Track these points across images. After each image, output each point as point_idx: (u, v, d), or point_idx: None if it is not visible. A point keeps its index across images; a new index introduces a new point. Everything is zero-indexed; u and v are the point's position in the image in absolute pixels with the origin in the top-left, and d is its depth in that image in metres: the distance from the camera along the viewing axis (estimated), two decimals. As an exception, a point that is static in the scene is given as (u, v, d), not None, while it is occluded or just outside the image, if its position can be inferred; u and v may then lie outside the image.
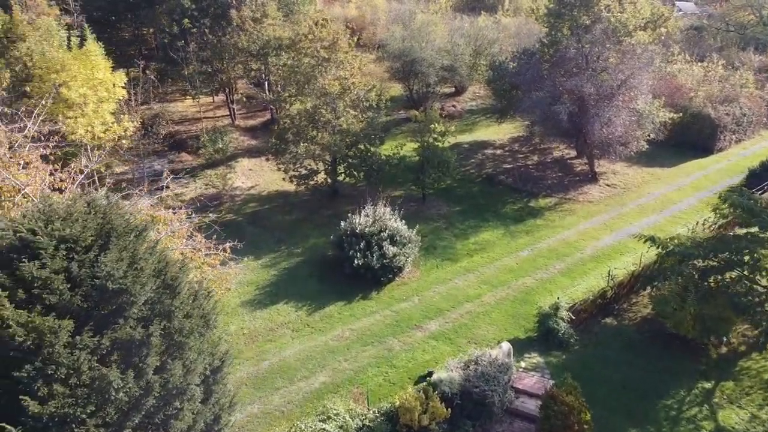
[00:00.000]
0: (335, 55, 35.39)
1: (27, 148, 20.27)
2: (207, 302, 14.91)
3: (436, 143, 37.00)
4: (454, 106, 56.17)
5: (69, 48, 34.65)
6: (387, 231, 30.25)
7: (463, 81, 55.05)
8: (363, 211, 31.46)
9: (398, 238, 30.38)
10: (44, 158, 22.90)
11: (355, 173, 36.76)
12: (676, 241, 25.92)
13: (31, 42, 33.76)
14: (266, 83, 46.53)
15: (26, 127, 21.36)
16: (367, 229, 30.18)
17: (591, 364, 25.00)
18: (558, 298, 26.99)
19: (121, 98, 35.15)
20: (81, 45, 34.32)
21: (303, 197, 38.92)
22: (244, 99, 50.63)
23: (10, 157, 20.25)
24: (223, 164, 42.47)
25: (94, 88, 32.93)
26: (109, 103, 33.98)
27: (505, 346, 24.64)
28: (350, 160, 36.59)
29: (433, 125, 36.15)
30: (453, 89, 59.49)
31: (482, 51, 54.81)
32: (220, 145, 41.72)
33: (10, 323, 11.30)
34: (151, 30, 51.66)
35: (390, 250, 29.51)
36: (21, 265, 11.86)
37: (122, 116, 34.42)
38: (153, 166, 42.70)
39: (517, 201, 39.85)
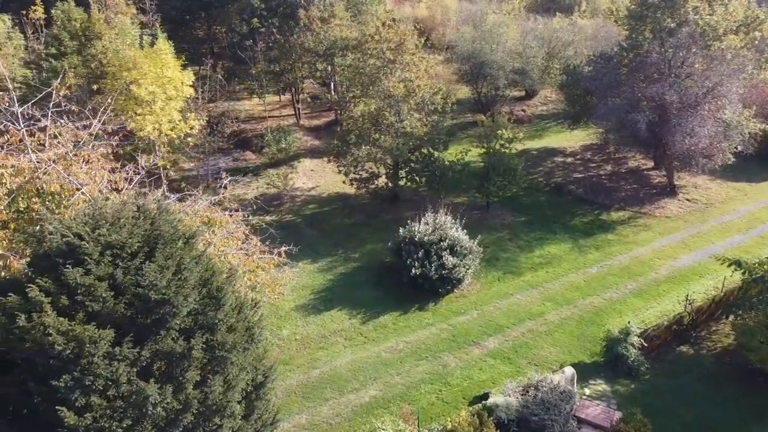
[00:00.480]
0: (401, 56, 34.50)
1: (90, 146, 20.39)
2: (252, 314, 14.32)
3: (503, 150, 35.45)
4: (523, 110, 54.17)
5: (141, 46, 35.36)
6: (447, 240, 29.09)
7: (534, 85, 52.97)
8: (423, 219, 30.43)
9: (458, 249, 29.15)
10: (114, 156, 23.19)
11: (417, 178, 35.75)
12: (765, 267, 23.51)
13: (106, 40, 34.66)
14: (332, 83, 46.22)
15: (92, 124, 21.54)
16: (426, 237, 29.12)
17: (662, 395, 23.04)
18: (629, 322, 25.06)
19: (189, 97, 35.56)
20: (153, 43, 34.94)
21: (363, 201, 38.26)
22: (309, 99, 50.61)
23: (74, 155, 20.43)
24: (285, 164, 42.44)
25: (163, 86, 33.41)
26: (176, 101, 34.42)
27: (569, 371, 23.06)
28: (412, 165, 35.62)
29: (500, 131, 34.65)
30: (523, 93, 57.42)
31: (556, 54, 52.53)
32: (283, 145, 41.70)
33: (50, 331, 11.00)
34: (223, 29, 52.44)
35: (449, 260, 28.35)
36: (66, 270, 11.57)
37: (189, 114, 34.80)
38: (218, 164, 43.20)
39: (587, 213, 37.71)
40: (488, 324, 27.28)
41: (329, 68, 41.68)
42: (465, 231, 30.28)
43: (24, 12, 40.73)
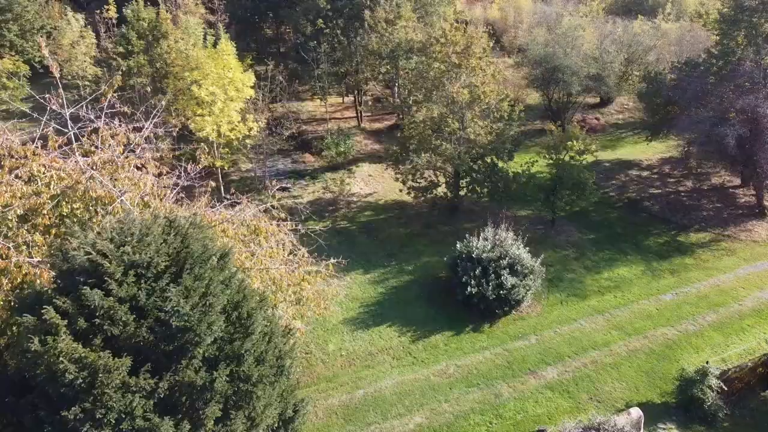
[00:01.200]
0: (467, 61, 32.84)
1: (139, 150, 19.97)
2: (284, 343, 13.24)
3: (573, 162, 33.15)
4: (597, 118, 51.17)
5: (205, 46, 35.29)
6: (507, 258, 27.26)
7: (610, 92, 49.87)
8: (482, 234, 28.72)
9: (519, 268, 27.27)
10: (173, 157, 22.71)
11: (478, 189, 33.98)
12: None
13: (171, 40, 34.83)
14: (396, 86, 45.01)
15: (143, 127, 21.16)
16: (484, 254, 27.41)
17: (744, 449, 20.49)
18: (707, 362, 22.50)
19: (249, 98, 35.26)
20: (216, 44, 34.83)
21: (420, 210, 36.83)
22: (370, 103, 49.61)
23: (125, 159, 20.05)
24: (344, 168, 41.60)
25: (223, 87, 33.22)
26: (237, 102, 34.18)
27: (635, 413, 20.88)
28: (474, 175, 33.88)
29: (570, 142, 32.38)
30: (597, 99, 54.31)
31: (635, 59, 49.28)
32: (342, 149, 40.86)
33: (62, 359, 10.25)
34: (290, 30, 52.27)
35: (509, 280, 26.53)
36: (84, 291, 10.83)
37: (248, 116, 34.47)
38: (276, 165, 42.92)
39: (663, 233, 34.80)
40: (547, 351, 25.32)
41: (393, 71, 40.48)
42: (527, 248, 28.37)
43: (98, 11, 41.72)
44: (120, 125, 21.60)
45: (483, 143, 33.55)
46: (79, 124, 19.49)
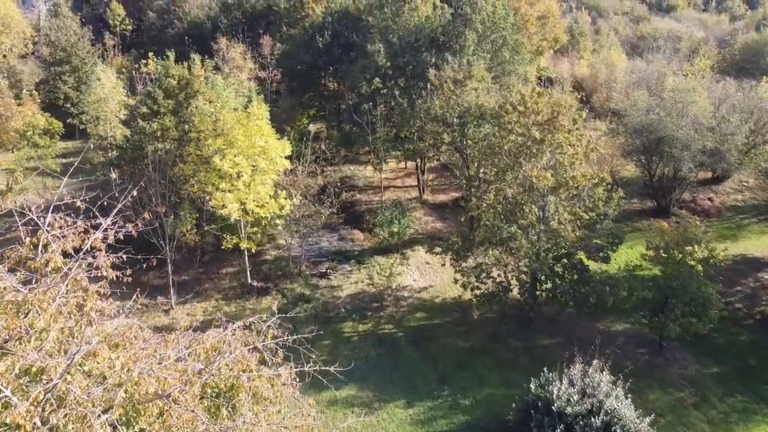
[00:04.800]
0: (552, 135, 25.79)
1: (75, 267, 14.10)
2: None
3: (691, 270, 24.93)
4: (710, 199, 42.15)
5: (236, 109, 30.11)
6: (602, 415, 19.40)
7: (729, 168, 40.95)
8: (567, 371, 21.01)
9: (618, 430, 19.29)
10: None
11: (562, 299, 26.26)
12: None
13: (200, 100, 29.99)
14: (464, 154, 38.27)
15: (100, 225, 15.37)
16: (569, 407, 19.66)
17: None
18: None
19: (284, 170, 29.70)
20: (247, 106, 29.64)
21: (486, 314, 29.38)
22: (431, 180, 43.07)
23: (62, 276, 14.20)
24: (397, 251, 34.91)
25: (252, 157, 27.77)
26: (268, 174, 28.60)
27: None
28: (557, 280, 26.28)
29: (690, 247, 24.27)
30: (709, 175, 45.25)
31: (761, 130, 40.40)
32: (396, 229, 34.31)
33: None
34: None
35: (603, 451, 18.59)
36: None
37: (279, 192, 28.73)
38: (320, 243, 36.84)
39: (819, 371, 25.60)
40: None
41: (461, 140, 33.85)
42: (628, 393, 20.41)
43: (137, 66, 38.04)
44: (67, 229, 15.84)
45: (570, 238, 26.03)
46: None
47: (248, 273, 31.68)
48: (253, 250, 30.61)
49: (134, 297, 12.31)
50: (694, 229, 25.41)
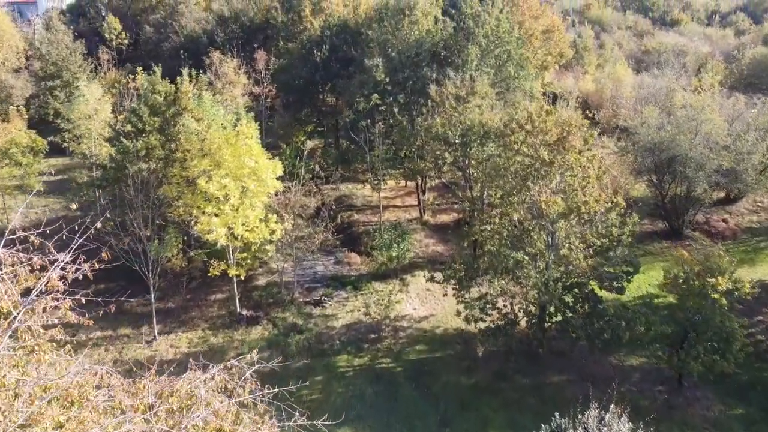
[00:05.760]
0: (562, 156, 23.99)
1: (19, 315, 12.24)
2: None
3: (714, 303, 23.00)
4: (725, 220, 40.22)
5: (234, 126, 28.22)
6: (621, 470, 17.37)
7: (745, 188, 39.07)
8: (580, 420, 18.97)
9: (640, 488, 17.27)
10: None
11: (574, 334, 24.28)
12: None
13: (187, 118, 28.26)
14: (467, 174, 36.45)
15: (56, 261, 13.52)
16: (585, 462, 17.63)
17: None
18: None
19: (274, 192, 27.94)
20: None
21: (491, 348, 27.34)
22: (432, 199, 41.25)
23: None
24: (396, 276, 33.04)
25: (241, 178, 26.01)
26: (258, 197, 26.81)
27: None
28: (568, 314, 24.35)
29: (713, 279, 22.35)
30: (722, 194, 43.35)
31: (779, 148, 38.58)
32: (395, 253, 32.45)
33: None
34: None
35: None
36: None
37: (270, 216, 26.94)
38: (315, 267, 34.95)
39: None
40: None
41: (463, 160, 32.04)
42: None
43: (125, 80, 36.44)
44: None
45: (582, 267, 24.13)
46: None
47: (237, 301, 29.77)
48: (242, 277, 28.72)
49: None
50: (718, 258, 23.48)
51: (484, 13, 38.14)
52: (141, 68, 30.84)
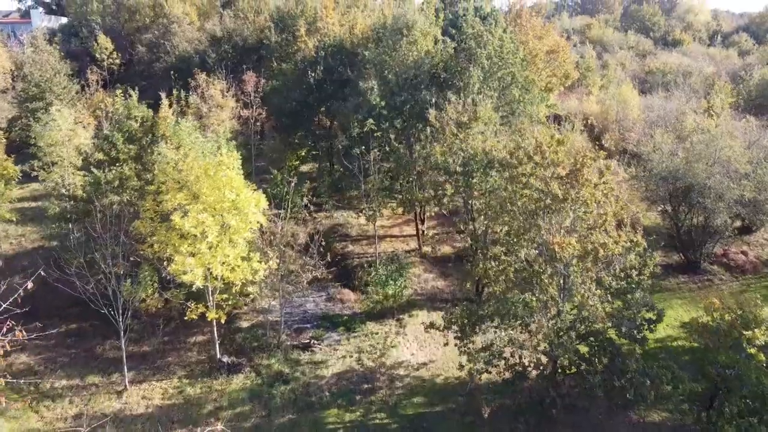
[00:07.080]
0: (576, 191, 21.56)
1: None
2: None
3: (750, 358, 20.42)
4: (744, 253, 37.68)
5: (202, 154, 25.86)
6: None
7: (766, 219, 36.60)
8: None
9: None
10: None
11: (590, 391, 21.60)
12: None
13: (163, 145, 25.89)
14: (468, 206, 33.94)
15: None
16: None
17: None
18: None
19: (258, 228, 25.47)
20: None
21: (498, 402, 24.64)
22: (432, 229, 38.79)
23: None
24: (392, 316, 30.46)
25: (220, 213, 23.56)
26: (239, 233, 24.33)
27: None
28: (583, 364, 21.73)
29: (750, 332, 19.78)
30: (738, 224, 40.85)
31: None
32: (391, 291, 29.92)
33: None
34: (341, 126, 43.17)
35: None
36: None
37: (252, 255, 24.44)
38: (304, 305, 32.39)
39: None
40: None
41: (464, 190, 29.62)
42: None
43: (107, 104, 34.15)
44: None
45: (598, 314, 21.56)
46: None
47: (217, 347, 27.12)
48: (222, 321, 26.10)
49: None
50: (755, 309, 20.93)
51: (487, 33, 35.96)
52: (132, 89, 28.61)
